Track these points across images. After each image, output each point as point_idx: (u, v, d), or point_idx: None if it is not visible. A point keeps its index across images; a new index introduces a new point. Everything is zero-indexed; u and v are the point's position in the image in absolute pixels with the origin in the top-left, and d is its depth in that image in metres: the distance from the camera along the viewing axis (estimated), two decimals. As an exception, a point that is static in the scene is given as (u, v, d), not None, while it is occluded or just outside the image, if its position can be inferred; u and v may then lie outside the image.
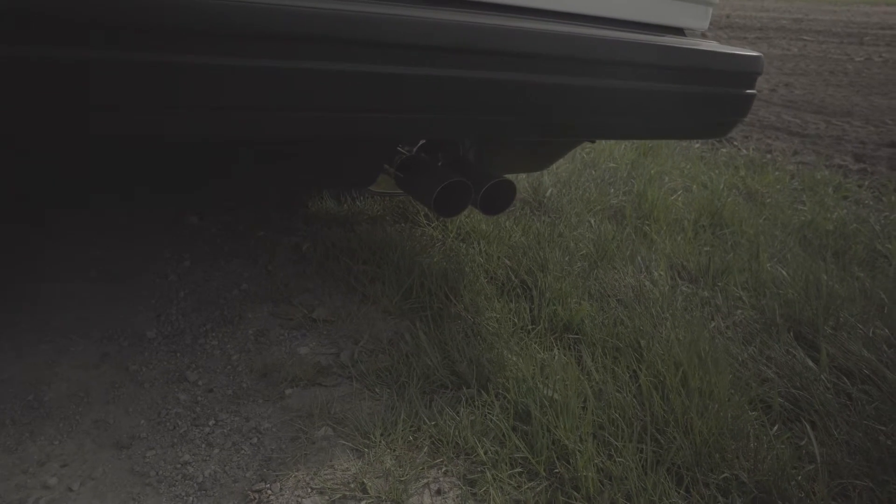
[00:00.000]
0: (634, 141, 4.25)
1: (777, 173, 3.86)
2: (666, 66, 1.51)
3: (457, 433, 1.52)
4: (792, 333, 2.02)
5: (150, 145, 1.48)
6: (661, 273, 2.35)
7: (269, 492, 1.37)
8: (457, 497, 1.39)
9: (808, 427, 1.58)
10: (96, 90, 0.95)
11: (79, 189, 2.20)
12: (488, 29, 1.22)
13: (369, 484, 1.38)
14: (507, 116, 1.34)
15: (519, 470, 1.45)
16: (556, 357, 1.80)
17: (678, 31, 1.75)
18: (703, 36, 1.86)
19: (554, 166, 3.36)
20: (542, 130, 1.46)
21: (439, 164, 1.88)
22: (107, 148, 1.45)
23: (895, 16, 16.56)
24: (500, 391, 1.66)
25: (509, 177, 1.85)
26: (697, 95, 1.60)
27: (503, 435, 1.52)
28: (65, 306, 1.94)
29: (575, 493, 1.39)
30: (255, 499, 1.36)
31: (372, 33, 1.10)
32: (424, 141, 1.92)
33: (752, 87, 1.70)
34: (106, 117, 0.99)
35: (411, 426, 1.56)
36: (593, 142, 2.33)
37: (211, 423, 1.56)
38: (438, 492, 1.40)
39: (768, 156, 4.40)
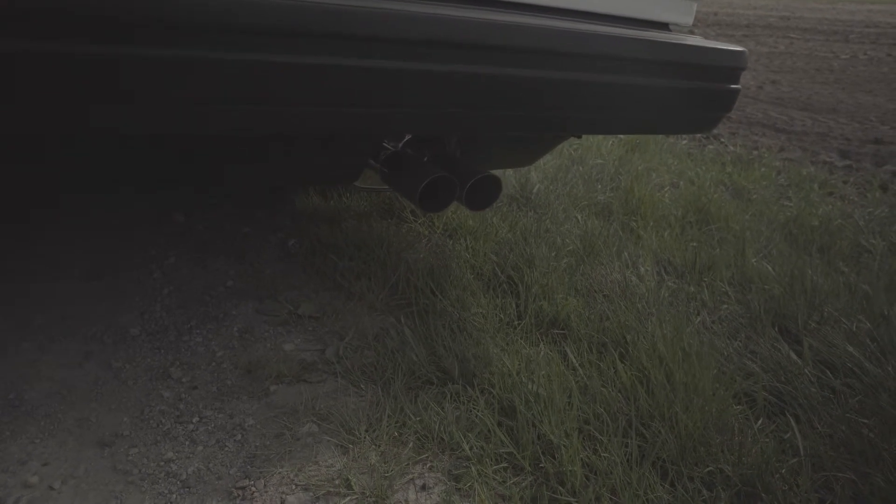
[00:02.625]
0: (621, 137, 4.26)
1: (763, 170, 3.88)
2: (650, 61, 1.51)
3: (442, 429, 1.52)
4: (777, 328, 2.03)
5: (137, 143, 1.46)
6: (648, 268, 2.35)
7: (254, 489, 1.37)
8: (442, 492, 1.38)
9: (792, 420, 1.59)
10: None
11: (64, 187, 2.18)
12: (470, 22, 1.21)
13: (354, 480, 1.38)
14: (490, 111, 1.34)
15: (504, 465, 1.45)
16: (542, 352, 1.80)
17: (663, 27, 1.75)
18: (690, 32, 1.87)
19: (541, 162, 3.37)
20: (526, 125, 1.46)
21: (424, 159, 1.88)
22: (98, 146, 1.44)
23: (880, 14, 16.69)
24: (486, 386, 1.66)
25: (495, 172, 1.84)
26: (681, 90, 1.60)
27: (488, 430, 1.52)
28: (48, 304, 1.92)
29: (560, 488, 1.39)
30: (239, 496, 1.35)
31: (356, 27, 1.10)
32: (410, 136, 1.91)
33: (736, 82, 1.71)
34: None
35: (396, 422, 1.55)
36: (579, 137, 2.33)
37: (195, 420, 1.55)
38: (423, 487, 1.40)
39: (755, 152, 4.42)
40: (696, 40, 1.67)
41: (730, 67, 1.68)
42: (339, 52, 1.09)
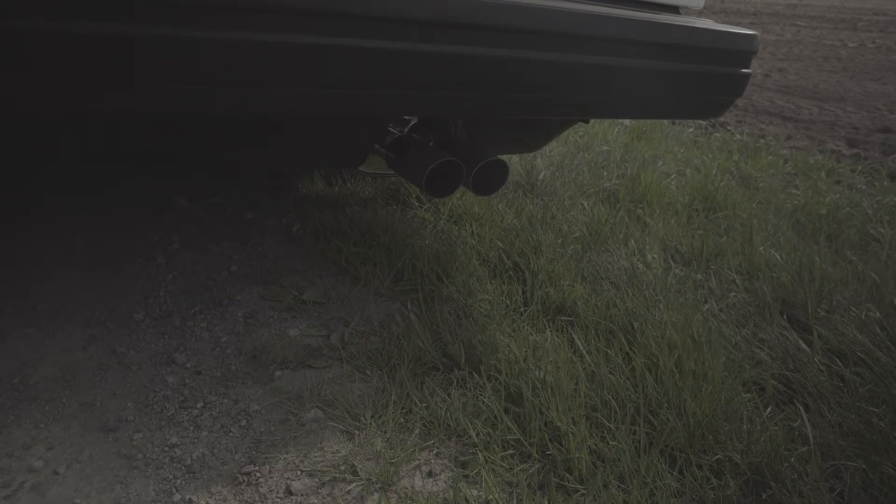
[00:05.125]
0: (627, 124, 4.23)
1: (770, 158, 3.84)
2: (660, 44, 1.49)
3: (448, 415, 1.51)
4: (785, 316, 2.01)
5: (141, 125, 1.45)
6: (655, 256, 2.33)
7: (259, 474, 1.36)
8: (448, 479, 1.37)
9: (801, 409, 1.58)
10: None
11: (67, 171, 2.17)
12: (477, 3, 1.19)
13: (359, 466, 1.37)
14: (499, 93, 1.32)
15: (511, 452, 1.44)
16: (549, 339, 1.79)
17: (673, 10, 1.72)
18: (700, 15, 1.84)
19: (547, 149, 3.34)
20: (535, 108, 1.44)
21: (431, 144, 1.86)
22: (108, 130, 1.42)
23: (889, 1, 16.55)
24: (492, 373, 1.64)
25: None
26: (692, 74, 1.58)
27: (495, 417, 1.50)
28: (51, 290, 1.91)
29: (567, 475, 1.38)
30: (243, 481, 1.34)
31: (365, 6, 1.08)
32: (416, 121, 1.89)
33: (747, 66, 1.68)
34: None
35: (402, 408, 1.54)
36: (587, 121, 2.31)
37: (199, 405, 1.54)
38: (430, 474, 1.39)
39: (762, 140, 4.39)
40: (706, 23, 1.64)
41: (741, 51, 1.66)
42: (348, 33, 1.08)
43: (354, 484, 1.34)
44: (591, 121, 3.22)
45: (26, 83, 0.92)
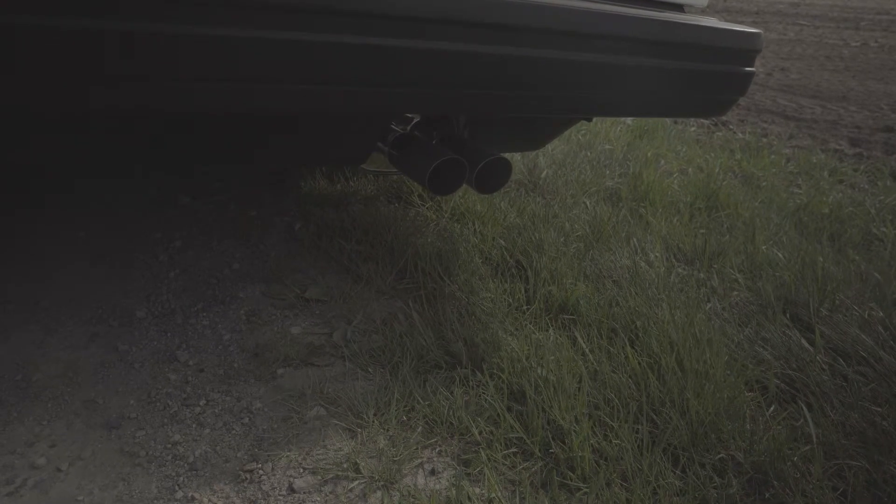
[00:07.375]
0: (629, 123, 4.23)
1: (773, 157, 3.84)
2: (664, 42, 1.48)
3: (451, 413, 1.51)
4: (788, 315, 2.01)
5: (144, 122, 1.44)
6: (657, 255, 2.33)
7: (261, 472, 1.36)
8: (451, 477, 1.37)
9: (804, 408, 1.58)
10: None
11: (70, 169, 2.17)
12: (479, 1, 1.18)
13: (362, 464, 1.37)
14: (504, 91, 1.31)
15: (514, 450, 1.44)
16: (551, 337, 1.79)
17: (677, 8, 1.72)
18: (703, 13, 1.84)
19: (549, 147, 3.34)
20: (540, 106, 1.43)
21: (433, 141, 1.85)
22: (105, 125, 1.42)
23: (892, 1, 16.51)
24: (495, 371, 1.64)
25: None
26: (696, 72, 1.57)
27: (498, 415, 1.50)
28: (53, 287, 1.91)
29: (570, 474, 1.37)
30: (246, 478, 1.34)
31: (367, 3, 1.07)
32: (418, 119, 1.89)
33: (750, 65, 1.68)
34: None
35: (405, 406, 1.54)
36: (590, 120, 2.30)
37: (202, 403, 1.54)
38: (432, 472, 1.39)
39: (764, 139, 4.38)
40: (710, 21, 1.64)
41: (744, 50, 1.65)
42: (351, 31, 1.07)
43: (357, 482, 1.34)
44: (594, 119, 3.23)
45: (13, 82, 0.92)
